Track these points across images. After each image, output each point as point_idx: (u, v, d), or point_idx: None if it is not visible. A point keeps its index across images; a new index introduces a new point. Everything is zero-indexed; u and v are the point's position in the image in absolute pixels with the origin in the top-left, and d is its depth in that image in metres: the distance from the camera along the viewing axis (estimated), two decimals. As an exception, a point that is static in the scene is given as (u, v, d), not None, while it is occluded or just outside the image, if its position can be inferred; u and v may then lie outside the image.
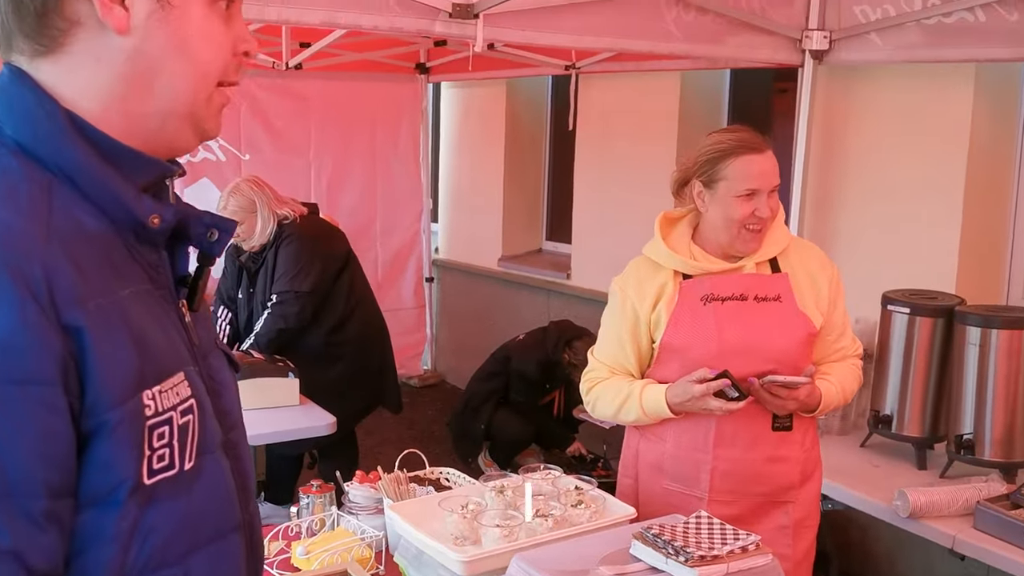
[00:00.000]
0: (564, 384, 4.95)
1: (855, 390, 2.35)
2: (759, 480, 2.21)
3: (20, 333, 0.80)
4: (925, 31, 3.31)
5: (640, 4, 3.31)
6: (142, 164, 0.95)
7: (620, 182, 5.17)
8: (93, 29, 0.91)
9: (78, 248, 0.87)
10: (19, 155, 0.90)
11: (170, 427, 0.91)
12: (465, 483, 2.33)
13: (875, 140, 3.86)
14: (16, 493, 0.80)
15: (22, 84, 0.92)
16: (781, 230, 2.27)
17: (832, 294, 2.24)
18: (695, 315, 2.18)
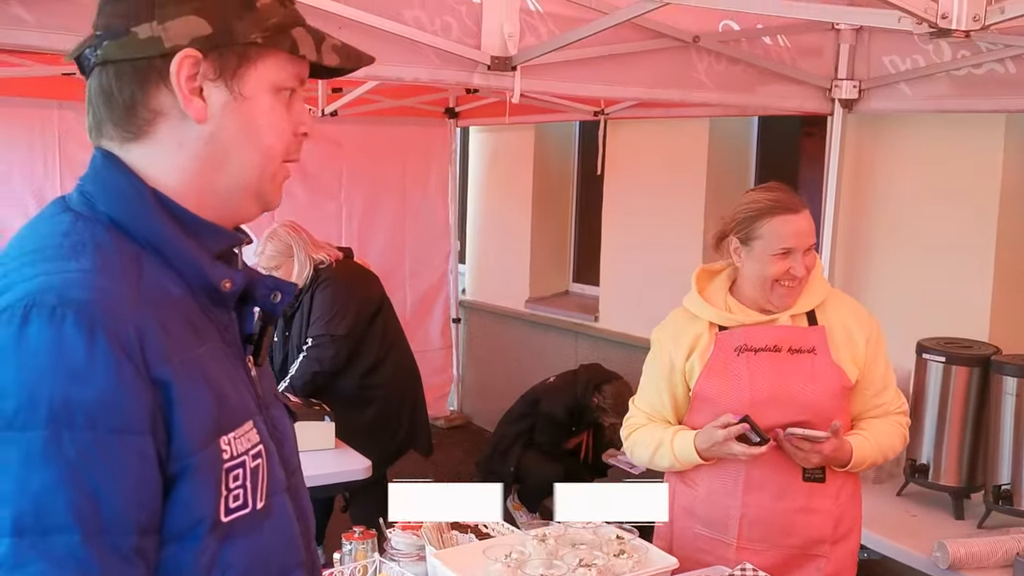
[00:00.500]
0: (592, 428, 4.96)
1: (896, 447, 2.31)
2: (789, 530, 2.22)
3: (118, 389, 0.90)
4: (954, 82, 3.35)
5: (672, 54, 3.37)
6: (216, 235, 1.07)
7: (649, 226, 5.21)
8: (175, 118, 1.03)
9: (163, 310, 0.98)
10: (111, 229, 1.01)
11: (243, 470, 1.02)
12: (505, 530, 2.34)
13: (906, 188, 3.89)
14: (110, 531, 0.89)
15: (114, 167, 1.03)
16: (819, 283, 2.30)
17: (871, 349, 2.25)
18: (728, 365, 2.22)
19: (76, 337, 0.89)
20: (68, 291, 0.91)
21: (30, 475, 0.86)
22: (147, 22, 1.00)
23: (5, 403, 0.87)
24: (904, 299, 3.78)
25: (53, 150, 4.89)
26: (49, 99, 4.80)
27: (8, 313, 0.90)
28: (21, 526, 0.86)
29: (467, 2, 2.93)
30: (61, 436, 0.87)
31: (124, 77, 1.02)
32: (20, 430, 0.87)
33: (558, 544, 2.09)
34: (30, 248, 0.98)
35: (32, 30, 2.27)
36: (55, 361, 0.88)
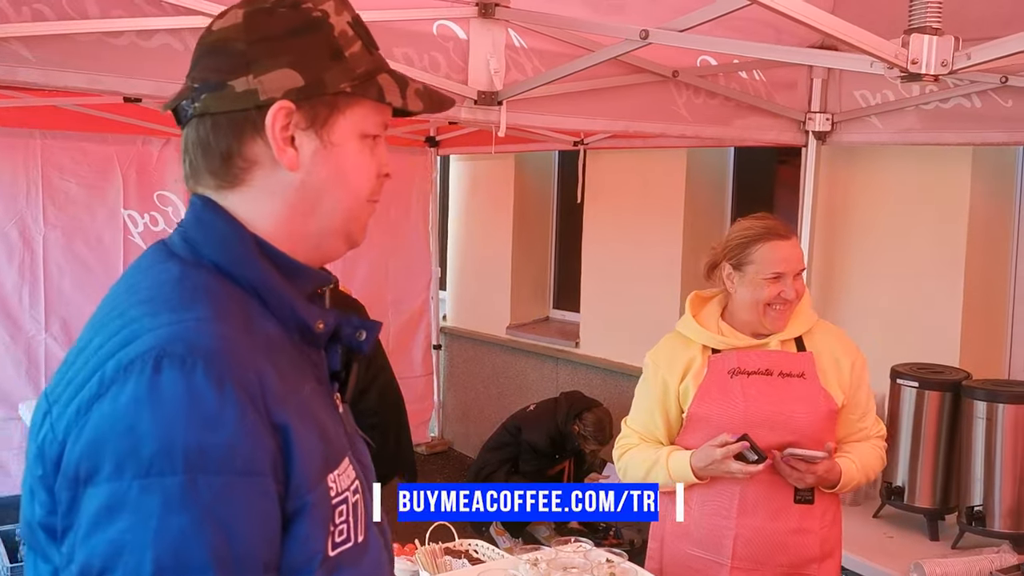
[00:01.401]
0: (574, 455, 5.02)
1: (877, 469, 2.43)
2: (781, 551, 2.29)
3: (245, 434, 0.94)
4: (923, 115, 3.48)
5: (652, 88, 3.47)
6: (309, 277, 1.11)
7: (628, 253, 5.30)
8: (268, 167, 1.07)
9: (273, 354, 1.02)
10: (216, 275, 1.05)
11: (347, 505, 1.06)
12: (495, 555, 2.39)
13: (877, 217, 4.01)
14: (241, 569, 0.93)
15: (215, 213, 1.08)
16: (807, 312, 2.39)
17: (856, 376, 2.35)
18: (722, 387, 2.31)
19: (206, 386, 0.92)
20: (196, 341, 0.95)
21: (169, 519, 0.90)
22: (243, 75, 1.04)
23: (142, 450, 0.90)
24: (878, 326, 3.89)
25: (36, 179, 4.90)
26: (32, 128, 4.83)
27: (140, 363, 0.93)
28: (161, 568, 0.89)
29: (455, 39, 3.01)
30: (197, 481, 0.90)
31: (221, 128, 1.06)
32: (158, 476, 0.90)
33: (550, 568, 2.14)
34: (145, 297, 1.02)
35: (33, 68, 2.32)
36: (188, 410, 0.92)
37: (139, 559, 0.89)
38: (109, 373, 0.94)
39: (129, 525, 0.90)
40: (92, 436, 0.92)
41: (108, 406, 0.92)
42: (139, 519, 0.89)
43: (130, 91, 2.52)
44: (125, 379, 0.93)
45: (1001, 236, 3.77)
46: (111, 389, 0.93)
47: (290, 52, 1.06)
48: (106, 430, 0.92)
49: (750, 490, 2.27)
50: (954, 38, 1.84)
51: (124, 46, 2.42)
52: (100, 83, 2.44)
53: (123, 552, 0.90)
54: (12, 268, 4.86)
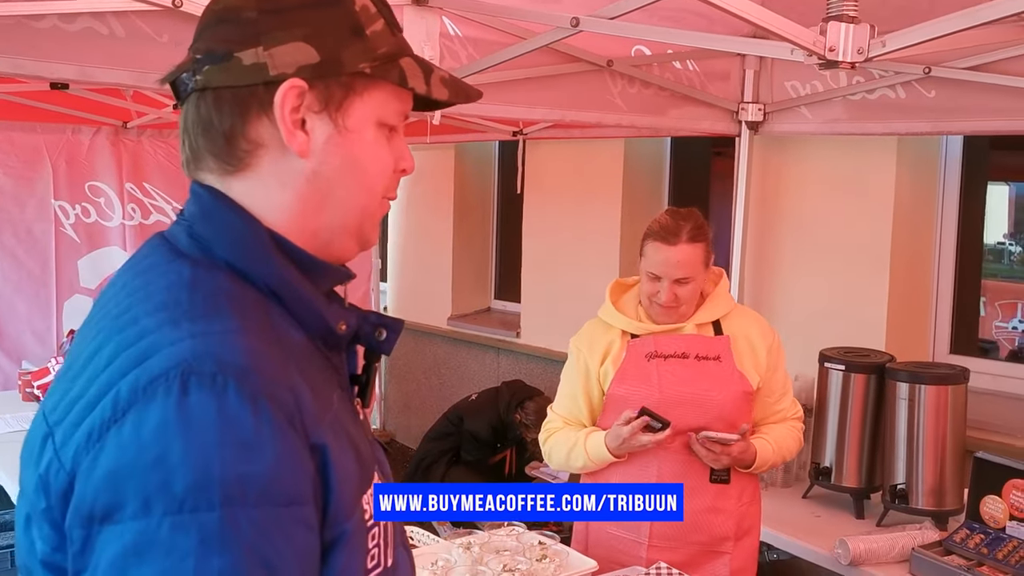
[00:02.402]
0: (516, 444, 5.05)
1: (793, 450, 2.50)
2: (697, 529, 2.36)
3: (285, 460, 0.83)
4: (850, 106, 3.56)
5: (588, 78, 3.50)
6: (329, 274, 1.01)
7: (567, 243, 5.34)
8: (276, 151, 0.96)
9: (303, 365, 0.91)
10: (232, 276, 0.93)
11: (379, 528, 0.98)
12: (431, 540, 2.40)
13: (808, 205, 4.10)
14: None
15: (225, 206, 0.96)
16: (723, 297, 2.46)
17: (772, 359, 2.42)
18: (639, 370, 2.37)
19: (241, 408, 0.82)
20: (224, 357, 0.84)
21: (208, 561, 0.79)
22: (252, 47, 0.93)
23: (174, 484, 0.79)
24: (808, 312, 3.98)
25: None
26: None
27: (164, 383, 0.81)
28: None
29: (388, 26, 3.00)
30: (237, 516, 0.80)
31: (224, 104, 0.95)
32: (192, 512, 0.79)
33: (483, 551, 2.16)
34: (159, 303, 0.89)
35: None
36: (223, 436, 0.80)
37: None
38: (125, 394, 0.82)
39: (161, 569, 0.78)
40: (111, 467, 0.80)
41: (129, 433, 0.80)
42: (173, 562, 0.78)
43: (52, 75, 2.46)
44: (147, 401, 0.81)
45: (925, 224, 3.89)
46: (129, 413, 0.81)
47: (306, 24, 0.94)
48: (129, 461, 0.80)
49: (666, 470, 2.34)
50: (870, 26, 1.90)
51: (46, 29, 2.37)
52: (22, 67, 2.39)
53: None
54: (-63, 261, 4.72)
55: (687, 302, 2.37)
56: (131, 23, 2.46)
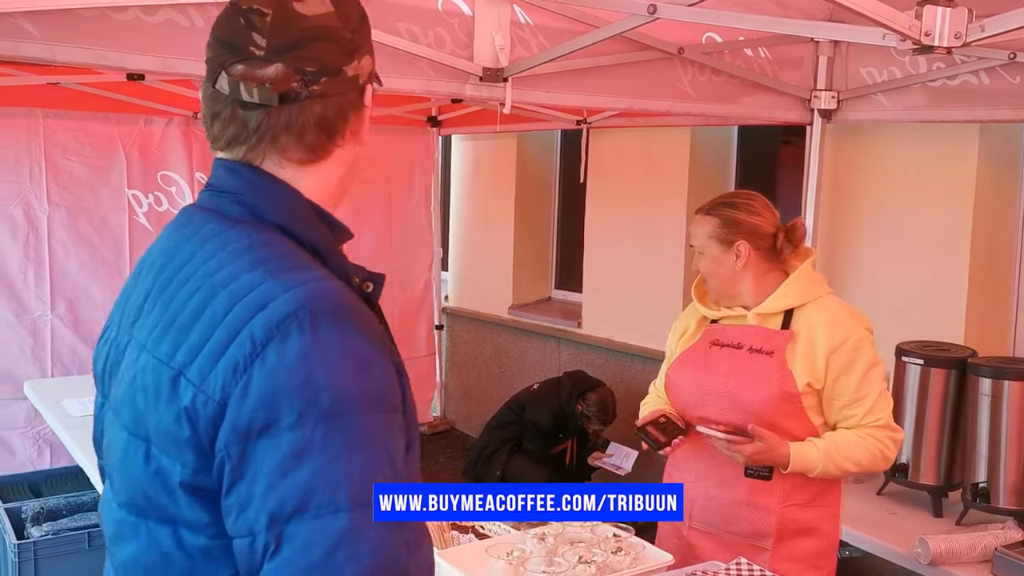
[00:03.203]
0: (577, 434, 5.04)
1: (863, 461, 2.24)
2: (732, 520, 2.33)
3: (389, 376, 1.06)
4: (930, 92, 3.46)
5: (657, 65, 3.46)
6: (344, 233, 1.21)
7: (631, 233, 5.30)
8: (349, 142, 1.19)
9: None
10: (282, 235, 1.13)
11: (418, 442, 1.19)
12: (501, 530, 2.40)
13: (883, 195, 4.00)
14: None
15: (272, 180, 1.16)
16: (800, 285, 2.31)
17: (838, 362, 2.23)
18: (699, 356, 2.38)
19: (356, 338, 1.03)
20: (336, 299, 1.05)
21: (354, 456, 0.99)
22: (352, 62, 1.16)
23: (321, 399, 0.99)
24: (883, 304, 3.89)
25: (39, 159, 4.89)
26: (35, 107, 4.81)
27: (296, 320, 1.01)
28: (357, 500, 0.99)
29: (460, 15, 3.00)
30: (371, 420, 1.01)
31: (333, 108, 1.15)
32: (338, 417, 0.99)
33: (557, 542, 2.15)
34: (251, 261, 1.08)
35: (37, 43, 2.31)
36: (347, 360, 1.01)
37: (334, 495, 0.97)
38: (260, 333, 1.00)
39: (320, 467, 0.97)
40: (263, 391, 0.99)
41: (274, 362, 0.99)
42: (328, 459, 0.98)
43: (133, 67, 2.51)
44: (284, 337, 1.00)
45: (1007, 213, 3.77)
46: (269, 347, 1.00)
47: (366, 40, 1.20)
48: (280, 385, 0.99)
49: (703, 458, 2.35)
50: (968, 10, 1.83)
51: (128, 21, 2.41)
52: (104, 59, 2.43)
53: (316, 491, 0.97)
54: (17, 248, 4.85)
55: (709, 277, 2.36)
56: (210, 14, 2.49)
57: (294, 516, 0.97)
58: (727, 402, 2.28)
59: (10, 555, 3.46)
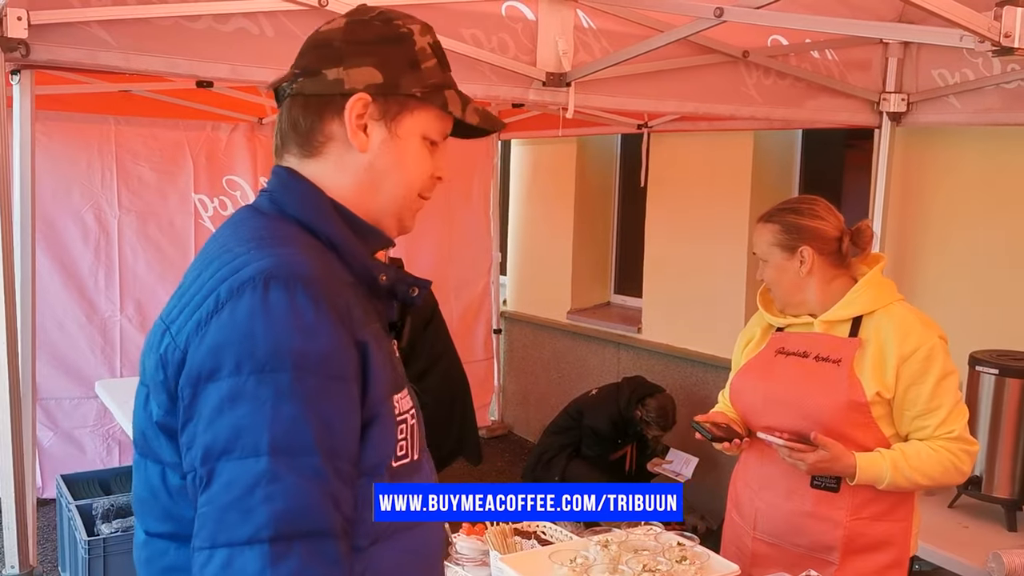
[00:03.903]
0: (636, 440, 5.00)
1: (935, 474, 2.18)
2: (796, 532, 2.26)
3: (337, 345, 1.12)
4: (1004, 95, 3.37)
5: (722, 69, 3.42)
6: (375, 237, 1.30)
7: (692, 238, 5.25)
8: (342, 145, 1.27)
9: (354, 293, 1.21)
10: (300, 228, 1.24)
11: (406, 425, 1.25)
12: (564, 536, 2.39)
13: (955, 200, 3.90)
14: (336, 456, 1.11)
15: (298, 179, 1.28)
16: (869, 292, 2.25)
17: (912, 369, 2.16)
18: (764, 364, 2.34)
19: (306, 303, 1.10)
20: (295, 268, 1.13)
21: (280, 407, 1.07)
22: (335, 67, 1.25)
23: (257, 352, 1.08)
24: (955, 311, 3.78)
25: (110, 164, 5.03)
26: (107, 115, 4.95)
27: (252, 284, 1.10)
28: (276, 447, 1.06)
29: (523, 20, 3.00)
30: (303, 378, 1.08)
31: (311, 107, 1.26)
32: (272, 372, 1.07)
33: (621, 550, 2.13)
34: (247, 237, 1.20)
35: (113, 51, 2.37)
36: (292, 321, 1.09)
37: (256, 439, 1.06)
38: (224, 294, 1.11)
39: (247, 412, 1.07)
40: (213, 342, 1.10)
41: (227, 318, 1.10)
42: (256, 407, 1.07)
43: (206, 74, 2.56)
44: (239, 297, 1.10)
45: (1086, 220, 3.64)
46: (227, 305, 1.10)
47: (376, 55, 1.26)
48: (226, 337, 1.09)
49: (769, 467, 2.30)
50: (1049, 10, 1.77)
51: (201, 30, 2.47)
52: (178, 67, 2.48)
53: (242, 434, 1.07)
54: (88, 251, 4.99)
55: (773, 286, 2.32)
56: (279, 23, 2.54)
57: (223, 455, 1.07)
58: (792, 411, 2.23)
59: (80, 551, 3.55)
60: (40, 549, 4.39)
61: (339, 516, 1.11)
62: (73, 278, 4.98)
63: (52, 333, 4.89)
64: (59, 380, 4.90)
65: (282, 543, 1.05)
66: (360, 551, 1.17)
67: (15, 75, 2.49)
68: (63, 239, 4.93)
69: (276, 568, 1.04)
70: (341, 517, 1.11)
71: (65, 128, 4.88)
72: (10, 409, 2.30)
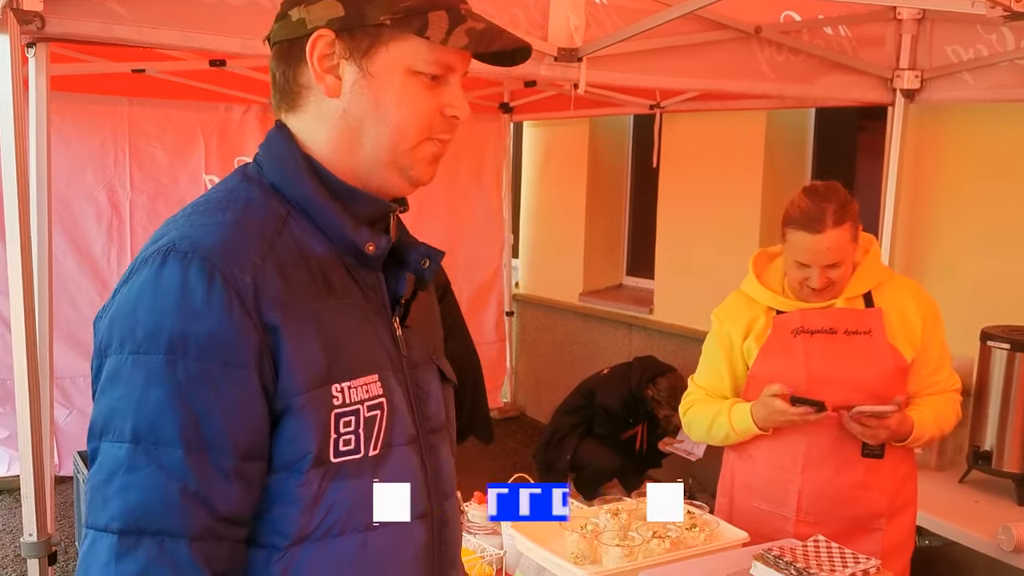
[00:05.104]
0: (647, 419, 5.01)
1: (952, 423, 2.37)
2: (847, 504, 2.28)
3: (228, 327, 1.02)
4: (1019, 70, 3.34)
5: (734, 45, 3.40)
6: (361, 200, 1.15)
7: (704, 219, 5.24)
8: (318, 93, 1.13)
9: (292, 266, 1.08)
10: (267, 190, 1.13)
11: (356, 417, 1.09)
12: (575, 507, 2.41)
13: (967, 177, 3.88)
14: (209, 449, 1.01)
15: (280, 136, 1.16)
16: (874, 267, 2.33)
17: (928, 330, 2.28)
18: (785, 347, 2.29)
19: (198, 280, 1.01)
20: (200, 240, 1.03)
21: (148, 392, 1.00)
22: (298, 6, 1.12)
23: (137, 330, 1.01)
24: (967, 287, 3.78)
25: (123, 145, 5.06)
26: (120, 96, 4.97)
27: (153, 257, 1.04)
28: (138, 435, 1.00)
29: (534, -6, 3.00)
30: (176, 363, 1.00)
31: (282, 54, 1.15)
32: (145, 354, 1.00)
33: (631, 518, 2.15)
34: (197, 204, 1.12)
35: (127, 24, 2.38)
36: (178, 299, 1.01)
37: (123, 424, 1.01)
38: (136, 265, 1.06)
39: (121, 394, 1.01)
40: (111, 315, 1.05)
41: (125, 292, 1.05)
42: (128, 389, 1.01)
43: (219, 48, 2.57)
44: (140, 269, 1.04)
45: (1100, 196, 3.62)
46: (132, 277, 1.05)
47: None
48: (118, 311, 1.04)
49: (816, 444, 2.27)
50: (1063, -26, 1.77)
51: (213, 4, 2.47)
52: (191, 40, 2.49)
53: (114, 416, 1.02)
54: (101, 230, 5.03)
55: (840, 281, 2.26)
56: (292, -5, 2.54)
57: (101, 435, 1.03)
58: (842, 386, 2.23)
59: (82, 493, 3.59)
60: (58, 526, 4.44)
61: (205, 515, 1.01)
62: (87, 258, 5.02)
63: (66, 312, 4.92)
64: (74, 359, 4.93)
65: (130, 537, 0.99)
66: (276, 549, 1.07)
67: (31, 48, 2.50)
68: (77, 219, 4.96)
69: (120, 563, 0.98)
70: (212, 516, 1.01)
71: (79, 109, 4.90)
72: (28, 386, 2.32)
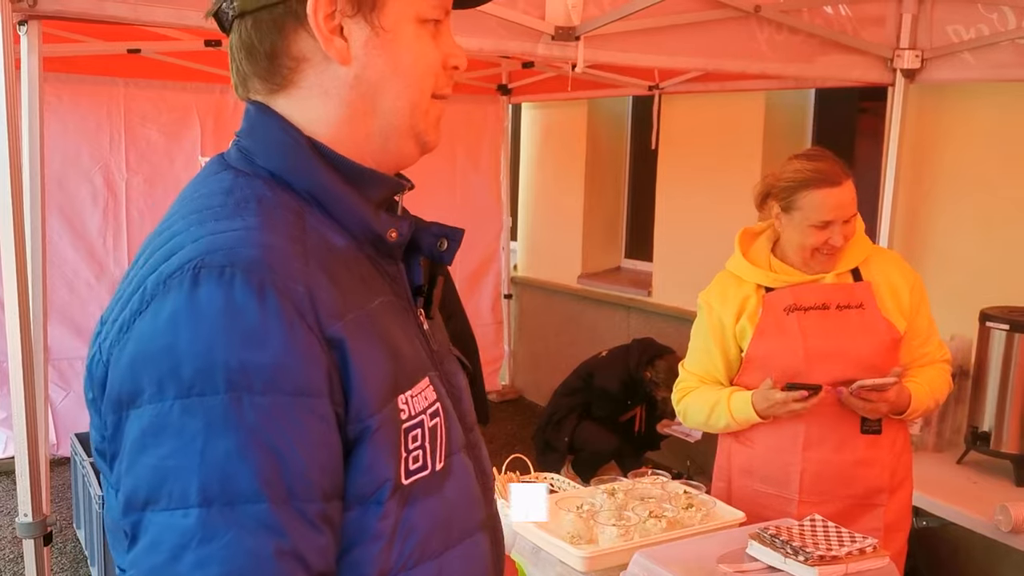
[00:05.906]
0: (646, 401, 5.01)
1: (945, 393, 2.38)
2: (849, 482, 2.27)
3: (293, 351, 0.84)
4: (1019, 50, 3.32)
5: (733, 24, 3.38)
6: (376, 182, 1.01)
7: (703, 201, 5.22)
8: (319, 64, 0.97)
9: (332, 265, 0.92)
10: (271, 183, 0.96)
11: (422, 430, 0.95)
12: (572, 486, 2.40)
13: (968, 157, 3.86)
14: (296, 496, 0.84)
15: (269, 119, 0.98)
16: (861, 242, 2.33)
17: (915, 300, 2.30)
18: (779, 325, 2.27)
19: (247, 298, 0.83)
20: (236, 250, 0.86)
21: (213, 443, 0.82)
22: None
23: (182, 370, 0.82)
24: (967, 268, 3.77)
25: (119, 126, 5.04)
26: (115, 77, 4.95)
27: (179, 276, 0.85)
28: (208, 496, 0.81)
29: (531, -28, 2.97)
30: (241, 402, 0.82)
31: (263, 26, 0.96)
32: (200, 395, 0.82)
33: (628, 498, 2.15)
34: (195, 208, 0.94)
35: (120, 2, 2.36)
36: (228, 324, 0.83)
37: (184, 487, 0.82)
38: (150, 288, 0.86)
39: (172, 450, 0.82)
40: (132, 355, 0.85)
41: (147, 323, 0.85)
42: (183, 443, 0.82)
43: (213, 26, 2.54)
44: (164, 294, 0.85)
45: (1100, 177, 3.61)
46: (151, 305, 0.85)
47: None
48: (144, 349, 0.84)
49: (814, 425, 2.26)
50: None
51: (208, -20, 2.44)
52: (185, 18, 2.47)
53: (167, 479, 0.82)
54: (97, 212, 5.02)
55: (844, 242, 2.26)
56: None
57: (148, 505, 0.83)
58: (841, 361, 2.23)
59: (95, 507, 3.59)
60: (56, 507, 4.45)
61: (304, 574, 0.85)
62: (83, 239, 5.00)
63: (63, 294, 4.92)
64: (70, 340, 4.93)
65: None
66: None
67: (22, 26, 2.48)
68: (73, 200, 4.95)
69: None
70: (309, 573, 0.85)
71: (74, 90, 4.88)
72: (22, 365, 2.31)
